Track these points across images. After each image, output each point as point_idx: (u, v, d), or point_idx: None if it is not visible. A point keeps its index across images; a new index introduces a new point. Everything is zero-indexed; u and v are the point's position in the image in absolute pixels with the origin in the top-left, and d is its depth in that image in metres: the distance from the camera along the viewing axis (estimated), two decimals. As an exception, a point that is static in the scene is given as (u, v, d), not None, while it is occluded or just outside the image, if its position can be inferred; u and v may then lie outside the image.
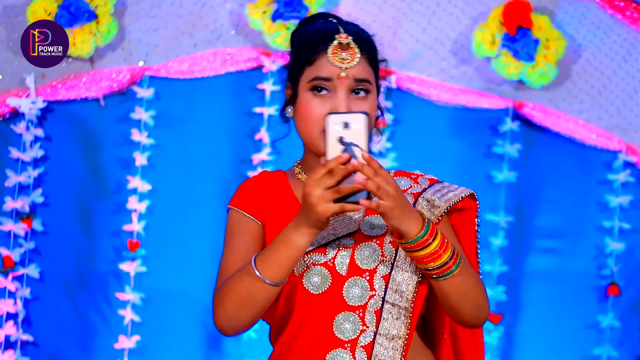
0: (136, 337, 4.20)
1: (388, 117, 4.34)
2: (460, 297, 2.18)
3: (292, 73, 2.35)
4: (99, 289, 4.23)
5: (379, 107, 2.35)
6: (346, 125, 2.09)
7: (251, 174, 4.29)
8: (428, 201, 2.31)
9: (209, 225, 4.27)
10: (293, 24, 4.22)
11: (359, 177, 2.04)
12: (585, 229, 4.44)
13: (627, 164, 4.43)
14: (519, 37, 4.31)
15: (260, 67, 4.32)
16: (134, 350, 4.21)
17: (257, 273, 2.15)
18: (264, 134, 4.29)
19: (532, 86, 4.37)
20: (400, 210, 2.08)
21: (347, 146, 2.07)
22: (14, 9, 4.17)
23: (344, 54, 2.28)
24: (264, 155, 4.28)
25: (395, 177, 2.35)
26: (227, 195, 4.30)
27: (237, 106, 4.33)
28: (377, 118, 2.35)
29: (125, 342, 4.19)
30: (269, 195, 2.38)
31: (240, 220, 2.35)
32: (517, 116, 4.41)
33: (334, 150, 2.07)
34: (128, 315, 4.20)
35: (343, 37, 2.29)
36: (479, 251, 2.38)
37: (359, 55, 2.28)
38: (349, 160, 2.04)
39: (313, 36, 2.32)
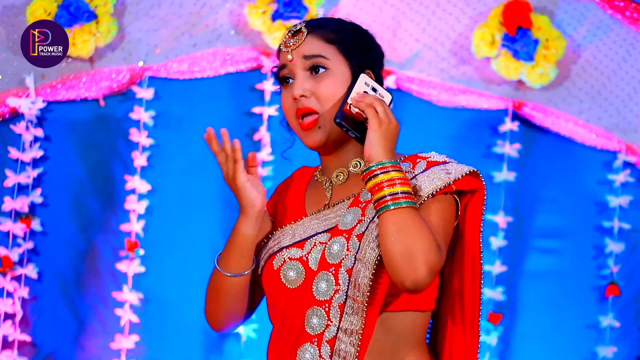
0: (134, 337, 4.19)
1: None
2: (395, 235, 2.11)
3: None
4: (98, 289, 4.23)
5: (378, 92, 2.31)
6: (374, 90, 2.26)
7: (250, 174, 4.29)
8: (412, 189, 2.21)
9: (208, 226, 4.27)
10: (293, 24, 4.23)
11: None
12: (585, 229, 4.44)
13: (627, 164, 4.44)
14: (518, 37, 4.31)
15: (259, 68, 4.32)
16: (132, 350, 4.20)
17: (215, 264, 2.32)
18: (263, 134, 4.29)
19: (532, 86, 4.37)
20: (384, 134, 2.21)
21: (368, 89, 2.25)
22: (13, 9, 4.17)
23: (291, 39, 2.30)
24: (263, 155, 4.28)
25: (401, 163, 2.31)
26: (226, 195, 4.32)
27: (237, 106, 4.33)
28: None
29: (123, 342, 4.19)
30: (289, 191, 2.42)
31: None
32: (516, 116, 4.41)
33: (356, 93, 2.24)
34: (126, 315, 4.19)
35: (295, 26, 2.32)
36: (481, 241, 2.30)
37: (306, 35, 2.29)
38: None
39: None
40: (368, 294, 2.16)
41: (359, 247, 2.18)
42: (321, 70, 2.27)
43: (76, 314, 4.21)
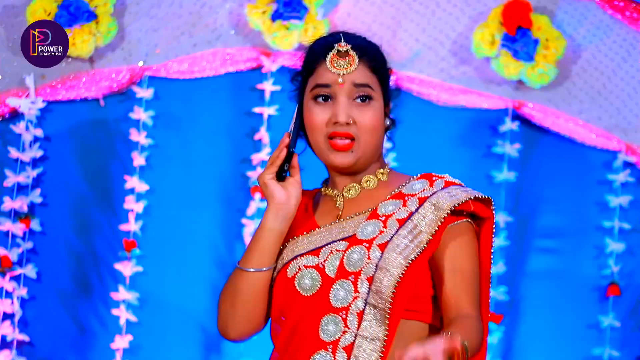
0: (131, 338, 4.18)
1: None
2: None
3: (300, 87, 2.42)
4: (97, 289, 4.23)
5: (390, 118, 2.41)
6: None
7: (250, 174, 4.28)
8: (434, 205, 2.31)
9: (206, 226, 4.26)
10: (293, 24, 4.22)
11: None
12: (585, 229, 4.43)
13: (627, 164, 4.42)
14: (518, 37, 4.30)
15: (259, 67, 4.31)
16: (128, 350, 4.20)
17: (237, 264, 2.31)
18: (263, 134, 4.29)
19: (532, 86, 4.36)
20: None
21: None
22: (13, 9, 4.17)
23: (341, 60, 2.33)
24: (263, 155, 4.28)
25: (416, 181, 2.38)
26: (226, 195, 4.33)
27: (237, 106, 4.33)
28: (387, 129, 2.41)
29: (121, 342, 4.18)
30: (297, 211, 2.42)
31: None
32: (516, 116, 4.41)
33: None
34: (123, 315, 4.19)
35: (341, 45, 2.34)
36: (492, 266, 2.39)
37: (357, 61, 2.33)
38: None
39: (316, 48, 2.39)
40: (391, 300, 2.21)
41: (382, 256, 2.23)
42: (367, 100, 2.32)
43: (75, 314, 4.21)
